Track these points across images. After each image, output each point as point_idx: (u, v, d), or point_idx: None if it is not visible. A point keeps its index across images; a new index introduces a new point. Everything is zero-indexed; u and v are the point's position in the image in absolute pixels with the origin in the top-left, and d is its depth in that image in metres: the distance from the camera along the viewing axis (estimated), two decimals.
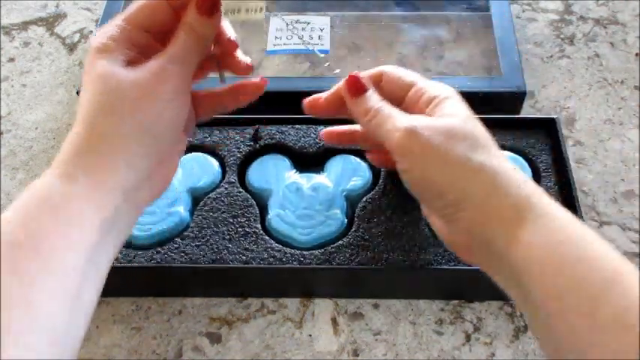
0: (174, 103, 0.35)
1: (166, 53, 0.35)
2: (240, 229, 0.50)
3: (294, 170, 0.54)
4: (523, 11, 0.74)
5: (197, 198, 0.53)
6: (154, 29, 0.36)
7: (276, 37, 0.66)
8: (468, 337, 0.49)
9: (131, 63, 0.35)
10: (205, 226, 0.51)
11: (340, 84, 0.42)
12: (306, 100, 0.45)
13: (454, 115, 0.37)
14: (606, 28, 0.72)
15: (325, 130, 0.49)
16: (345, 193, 0.52)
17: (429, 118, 0.37)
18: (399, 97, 0.41)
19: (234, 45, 0.39)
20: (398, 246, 0.49)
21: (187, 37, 0.35)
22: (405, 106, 0.40)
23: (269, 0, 0.71)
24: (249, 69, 0.40)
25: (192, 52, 0.36)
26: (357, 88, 0.40)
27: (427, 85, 0.40)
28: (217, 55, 0.40)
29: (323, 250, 0.49)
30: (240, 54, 0.40)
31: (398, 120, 0.37)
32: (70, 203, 0.30)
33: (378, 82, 0.42)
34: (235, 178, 0.53)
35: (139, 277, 0.50)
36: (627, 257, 0.30)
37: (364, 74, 0.42)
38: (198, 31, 0.35)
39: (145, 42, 0.36)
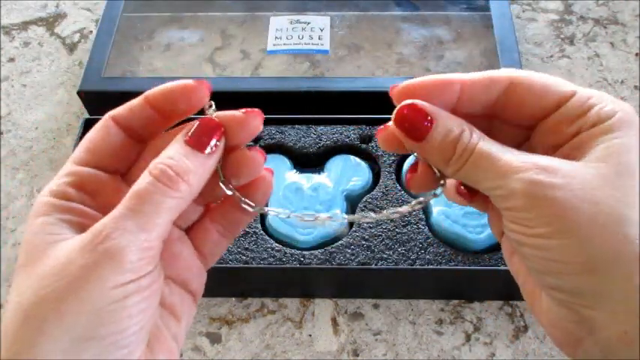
0: (131, 290, 0.23)
1: (120, 207, 0.23)
2: None
3: (294, 170, 0.54)
4: (523, 11, 0.74)
5: None
6: (116, 164, 0.27)
7: (276, 37, 0.66)
8: (468, 337, 0.49)
9: (83, 225, 0.24)
10: None
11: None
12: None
13: (611, 161, 0.23)
14: (606, 28, 0.72)
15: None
16: (345, 193, 0.52)
17: (567, 162, 0.24)
18: (536, 116, 0.26)
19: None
20: (398, 246, 0.49)
21: (156, 187, 0.23)
22: (546, 130, 0.26)
23: (269, 0, 0.71)
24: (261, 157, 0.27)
25: (164, 212, 0.23)
26: (415, 124, 0.25)
27: (595, 99, 0.25)
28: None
29: (323, 250, 0.49)
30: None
31: (507, 167, 0.24)
32: None
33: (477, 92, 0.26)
34: None
35: None
36: None
37: (425, 81, 0.26)
38: (181, 174, 0.24)
39: (111, 185, 0.26)
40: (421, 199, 0.29)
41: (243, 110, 0.26)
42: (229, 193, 0.27)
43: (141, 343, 0.24)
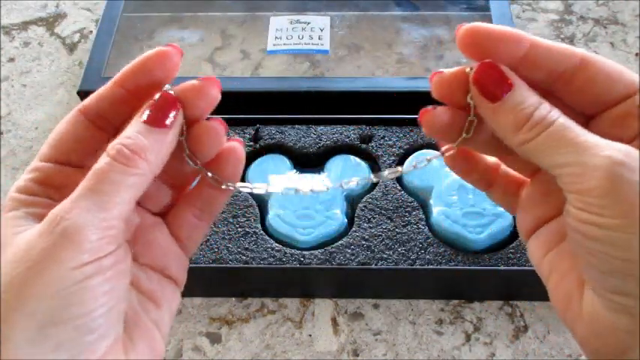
0: (92, 271, 0.22)
1: (78, 188, 0.23)
2: (240, 229, 0.50)
3: (294, 170, 0.54)
4: (523, 11, 0.74)
5: None
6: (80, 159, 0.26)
7: (276, 37, 0.66)
8: (468, 337, 0.49)
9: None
10: None
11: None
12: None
13: None
14: (606, 28, 0.72)
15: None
16: (345, 193, 0.52)
17: None
18: (603, 101, 0.25)
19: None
20: (398, 246, 0.49)
21: (113, 166, 0.23)
22: (611, 120, 0.25)
23: (269, 0, 0.71)
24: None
25: (123, 189, 0.23)
26: (495, 85, 0.24)
27: None
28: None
29: (323, 250, 0.49)
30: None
31: (589, 143, 0.22)
32: None
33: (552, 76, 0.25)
34: None
35: None
36: None
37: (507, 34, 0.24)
38: (137, 152, 0.24)
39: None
40: (427, 156, 0.28)
41: (200, 78, 0.26)
42: (194, 166, 0.26)
43: (112, 327, 0.23)
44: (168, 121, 0.25)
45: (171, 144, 0.25)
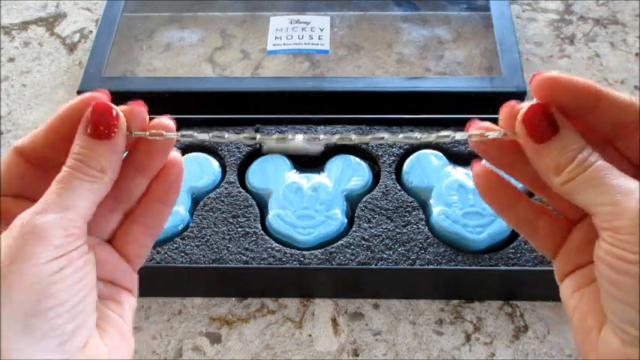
0: (64, 262, 0.24)
1: (45, 194, 0.25)
2: (240, 229, 0.50)
3: (294, 170, 0.54)
4: (523, 11, 0.74)
5: (197, 198, 0.53)
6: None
7: (276, 37, 0.66)
8: (468, 337, 0.49)
9: None
10: (205, 226, 0.51)
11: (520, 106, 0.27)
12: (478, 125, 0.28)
13: None
14: (606, 28, 0.72)
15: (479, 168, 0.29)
16: (345, 193, 0.52)
17: None
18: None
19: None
20: (398, 246, 0.49)
21: (72, 174, 0.26)
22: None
23: (269, 0, 0.71)
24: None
25: (83, 194, 0.25)
26: (542, 127, 0.25)
27: None
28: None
29: (323, 250, 0.49)
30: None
31: (623, 185, 0.24)
32: None
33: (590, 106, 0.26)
34: (235, 178, 0.53)
35: (139, 277, 0.50)
36: None
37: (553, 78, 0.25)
38: (90, 164, 0.26)
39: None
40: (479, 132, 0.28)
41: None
42: (135, 134, 0.27)
43: (90, 315, 0.25)
44: (112, 131, 0.26)
45: (121, 150, 0.27)
